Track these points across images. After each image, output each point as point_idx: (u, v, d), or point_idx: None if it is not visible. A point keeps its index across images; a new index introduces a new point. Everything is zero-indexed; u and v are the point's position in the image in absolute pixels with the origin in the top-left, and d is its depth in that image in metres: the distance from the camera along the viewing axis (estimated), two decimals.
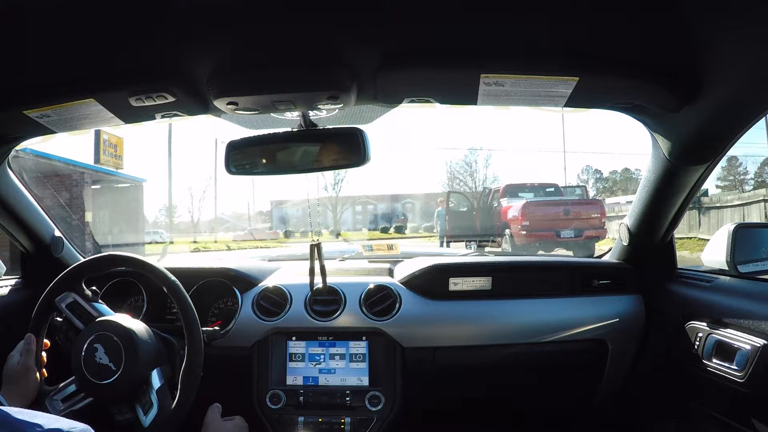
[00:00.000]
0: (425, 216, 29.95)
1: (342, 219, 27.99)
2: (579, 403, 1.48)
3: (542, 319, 1.33)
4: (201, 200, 25.31)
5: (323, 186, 27.04)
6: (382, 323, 1.29)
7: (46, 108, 0.91)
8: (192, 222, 24.72)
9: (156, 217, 24.56)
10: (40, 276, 1.37)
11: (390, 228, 27.83)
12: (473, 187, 24.29)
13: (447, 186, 27.51)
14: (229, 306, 1.38)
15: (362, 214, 31.84)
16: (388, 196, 32.14)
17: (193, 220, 24.90)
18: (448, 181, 28.14)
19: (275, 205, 30.55)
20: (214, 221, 23.41)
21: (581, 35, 0.76)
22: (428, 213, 30.37)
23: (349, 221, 29.64)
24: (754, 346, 0.97)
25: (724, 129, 0.93)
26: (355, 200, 29.39)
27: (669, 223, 1.26)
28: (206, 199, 25.06)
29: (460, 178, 27.58)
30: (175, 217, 24.81)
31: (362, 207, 31.34)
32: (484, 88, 0.85)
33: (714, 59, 0.76)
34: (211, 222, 23.39)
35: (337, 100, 0.89)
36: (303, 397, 1.27)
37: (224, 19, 0.71)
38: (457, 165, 27.74)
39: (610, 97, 0.92)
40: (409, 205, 32.31)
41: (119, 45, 0.77)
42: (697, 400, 1.21)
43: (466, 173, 27.84)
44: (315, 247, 1.26)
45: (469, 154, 27.68)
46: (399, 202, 32.43)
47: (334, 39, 0.78)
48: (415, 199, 31.76)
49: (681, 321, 1.20)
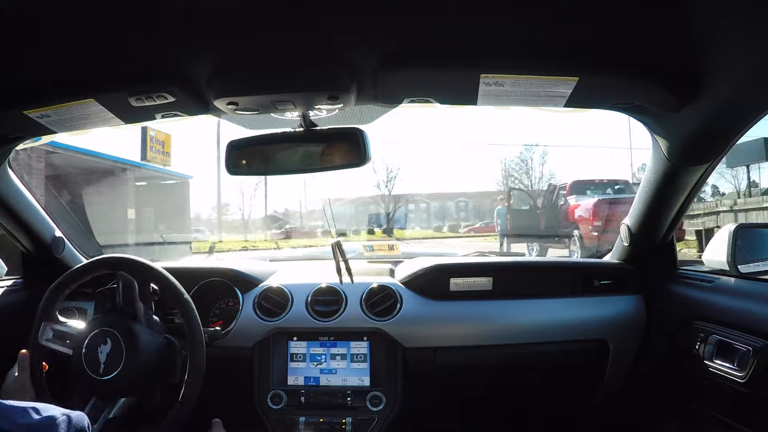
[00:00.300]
0: (479, 215, 29.33)
1: (395, 217, 27.17)
2: (580, 403, 1.48)
3: (543, 320, 1.33)
4: (252, 198, 24.69)
5: (375, 183, 26.84)
6: (383, 323, 1.29)
7: (46, 108, 0.91)
8: (243, 220, 24.46)
9: (209, 214, 24.09)
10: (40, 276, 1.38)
11: (443, 227, 27.48)
12: (529, 185, 23.30)
13: (502, 184, 26.45)
14: (230, 306, 1.38)
15: (415, 212, 31.60)
16: (441, 195, 31.72)
17: (243, 218, 24.57)
18: (503, 179, 26.95)
19: (328, 203, 31.18)
20: (267, 219, 23.08)
21: (581, 35, 0.76)
22: (481, 212, 29.87)
23: (401, 220, 29.02)
24: (755, 346, 0.97)
25: (724, 129, 0.93)
26: (408, 198, 28.79)
27: (670, 223, 1.26)
28: (257, 197, 24.44)
29: (516, 175, 26.11)
30: (228, 215, 24.56)
31: (415, 205, 31.02)
32: (484, 88, 0.85)
33: (714, 59, 0.76)
34: (264, 220, 23.07)
35: (337, 100, 0.89)
36: (304, 397, 1.27)
37: (224, 19, 0.71)
38: (512, 162, 26.47)
39: (611, 97, 0.92)
40: (462, 204, 31.82)
41: (119, 45, 0.77)
42: (698, 401, 1.21)
43: (522, 171, 26.36)
44: (336, 246, 1.28)
45: (525, 151, 26.05)
46: (452, 201, 32.02)
47: (334, 39, 0.78)
48: (469, 198, 31.40)
49: (682, 321, 1.20)
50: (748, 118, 0.88)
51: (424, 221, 29.72)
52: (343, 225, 28.20)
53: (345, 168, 1.01)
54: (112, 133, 1.07)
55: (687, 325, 1.18)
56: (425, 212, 31.28)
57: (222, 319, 1.36)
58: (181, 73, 0.85)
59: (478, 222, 26.65)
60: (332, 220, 1.75)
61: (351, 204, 28.77)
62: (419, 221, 30.26)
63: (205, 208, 25.77)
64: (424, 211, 31.41)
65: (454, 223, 26.19)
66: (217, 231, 19.04)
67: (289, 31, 0.75)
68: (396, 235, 22.21)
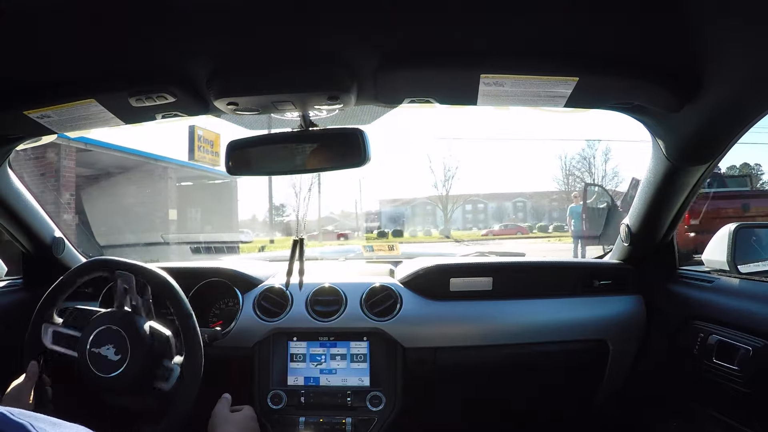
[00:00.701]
0: (536, 215, 28.91)
1: (452, 218, 26.86)
2: (580, 403, 1.48)
3: (543, 320, 1.33)
4: (306, 198, 24.23)
5: (432, 183, 26.29)
6: (383, 323, 1.29)
7: (46, 108, 0.91)
8: (297, 221, 23.96)
9: (264, 216, 23.84)
10: (40, 277, 1.38)
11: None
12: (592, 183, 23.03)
13: (562, 183, 25.96)
14: (230, 306, 1.38)
15: (472, 213, 31.18)
16: (498, 195, 31.27)
17: (297, 219, 24.12)
18: (563, 177, 26.29)
19: (384, 204, 30.21)
20: (322, 220, 22.78)
21: (581, 35, 0.76)
22: (540, 212, 29.29)
23: (458, 220, 28.71)
24: (755, 346, 0.97)
25: (724, 129, 0.93)
26: (466, 199, 28.30)
27: (669, 223, 1.26)
28: (312, 197, 24.00)
29: (577, 173, 25.60)
30: (282, 216, 24.35)
31: (472, 206, 30.69)
32: (483, 88, 0.85)
33: (714, 59, 0.76)
34: (319, 221, 22.80)
35: (337, 100, 0.89)
36: (304, 397, 1.27)
37: (224, 19, 0.71)
38: (572, 160, 26.01)
39: (611, 97, 0.92)
40: (521, 204, 31.27)
41: (119, 45, 0.77)
42: (698, 401, 1.21)
43: (584, 169, 25.64)
44: (297, 243, 1.22)
45: (587, 147, 25.46)
46: (510, 201, 31.61)
47: (334, 39, 0.78)
48: (527, 198, 30.85)
49: (682, 321, 1.20)
50: (748, 118, 0.88)
51: (481, 222, 29.29)
52: (398, 226, 27.79)
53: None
54: (157, 132, 1.05)
55: (687, 325, 1.18)
56: (482, 213, 30.95)
57: (222, 319, 1.36)
58: (181, 74, 0.85)
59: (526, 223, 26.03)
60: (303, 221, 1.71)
61: (407, 205, 28.27)
62: (476, 222, 29.80)
63: (260, 210, 25.38)
64: (482, 211, 31.08)
65: (512, 223, 25.69)
66: (269, 231, 18.77)
67: (289, 32, 0.75)
68: (454, 236, 21.30)
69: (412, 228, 26.84)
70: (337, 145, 1.00)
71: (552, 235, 19.99)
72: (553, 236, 19.46)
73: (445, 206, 26.03)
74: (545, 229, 25.22)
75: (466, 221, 29.44)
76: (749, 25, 0.67)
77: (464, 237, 22.59)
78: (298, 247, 1.20)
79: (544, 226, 25.68)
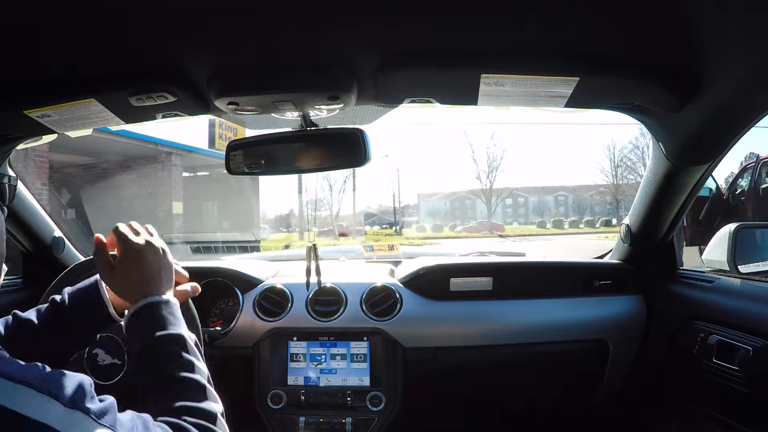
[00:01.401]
0: (578, 209, 27.91)
1: (495, 212, 25.41)
2: (580, 403, 1.48)
3: (543, 320, 1.33)
4: (341, 192, 23.07)
5: (476, 175, 24.96)
6: (383, 323, 1.29)
7: (46, 108, 0.91)
8: (331, 216, 22.95)
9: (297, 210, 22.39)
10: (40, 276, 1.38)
11: (547, 223, 25.84)
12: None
13: (611, 175, 24.27)
14: (230, 306, 1.38)
15: (512, 207, 30.21)
16: (539, 189, 30.15)
17: (332, 214, 23.09)
18: (612, 168, 24.51)
19: (422, 198, 29.34)
20: (359, 215, 21.72)
21: (581, 35, 0.76)
22: (582, 206, 28.24)
23: (498, 215, 27.42)
24: (754, 346, 0.97)
25: (725, 129, 0.93)
26: (508, 192, 26.91)
27: (670, 223, 1.26)
28: (346, 191, 22.95)
29: (628, 164, 23.86)
30: (319, 211, 22.97)
31: (513, 200, 29.64)
32: (484, 88, 0.85)
33: (714, 59, 0.76)
34: (356, 216, 21.56)
35: (338, 100, 0.89)
36: (304, 397, 1.27)
37: (224, 19, 0.71)
38: (625, 149, 24.66)
39: (611, 97, 0.92)
40: (562, 198, 30.22)
41: (119, 45, 0.77)
42: (698, 400, 1.21)
43: (637, 159, 23.71)
44: (311, 249, 1.25)
45: (640, 136, 23.17)
46: (551, 195, 30.64)
47: (334, 39, 0.78)
48: (569, 192, 29.73)
49: (682, 321, 1.20)
50: (749, 119, 0.88)
51: (521, 216, 28.23)
52: (438, 221, 26.48)
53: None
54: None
55: (687, 325, 1.18)
56: (523, 207, 30.01)
57: (222, 318, 1.36)
58: (181, 73, 0.85)
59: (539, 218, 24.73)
60: (312, 223, 1.73)
61: (446, 199, 27.12)
62: (516, 216, 28.61)
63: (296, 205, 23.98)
64: (522, 205, 30.15)
65: (555, 218, 24.74)
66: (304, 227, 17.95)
67: (289, 31, 0.75)
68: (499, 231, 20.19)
69: (452, 223, 25.50)
70: (338, 144, 1.00)
71: (599, 231, 19.01)
72: (600, 231, 18.54)
73: (489, 199, 24.57)
74: (593, 224, 24.19)
75: (506, 215, 28.47)
76: (749, 25, 0.67)
77: (511, 232, 21.24)
78: (312, 251, 1.25)
79: (591, 221, 24.69)
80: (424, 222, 26.35)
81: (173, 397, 0.61)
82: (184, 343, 0.68)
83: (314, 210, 21.36)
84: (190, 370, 0.65)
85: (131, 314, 0.69)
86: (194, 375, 0.65)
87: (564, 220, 25.58)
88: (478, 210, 26.84)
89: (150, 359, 0.66)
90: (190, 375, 0.64)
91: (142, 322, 0.68)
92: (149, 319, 0.68)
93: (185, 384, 0.63)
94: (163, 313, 0.69)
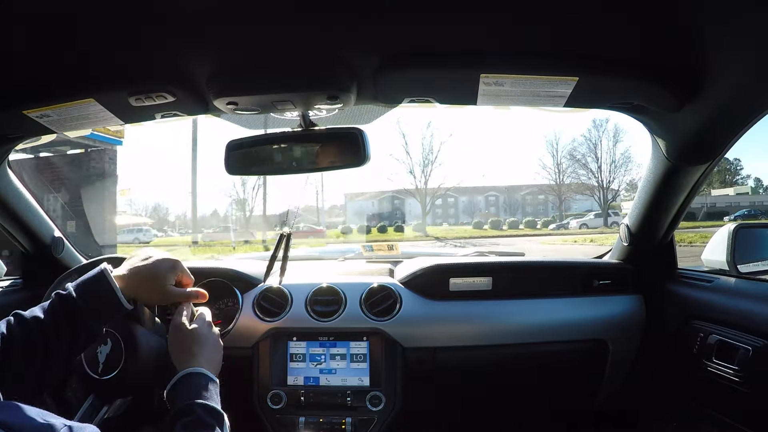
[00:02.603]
0: (510, 210, 26.39)
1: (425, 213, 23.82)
2: (579, 403, 1.48)
3: (543, 320, 1.33)
4: (256, 188, 22.30)
5: (409, 169, 23.42)
6: (382, 323, 1.29)
7: (45, 108, 0.91)
8: (244, 216, 22.23)
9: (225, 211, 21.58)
10: (40, 276, 1.38)
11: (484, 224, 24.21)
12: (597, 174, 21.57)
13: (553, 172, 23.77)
14: (229, 306, 1.37)
15: (442, 207, 28.95)
16: (470, 189, 28.77)
17: (245, 214, 22.38)
18: (554, 166, 23.85)
19: (349, 198, 28.10)
20: (272, 217, 21.03)
21: (581, 35, 0.76)
22: (514, 207, 26.34)
23: (429, 215, 25.65)
24: (754, 346, 0.97)
25: (724, 129, 0.93)
26: (441, 191, 25.41)
27: (669, 223, 1.26)
28: (262, 188, 21.92)
29: (579, 158, 23.66)
30: (245, 211, 22.25)
31: (443, 200, 28.28)
32: (483, 87, 0.85)
33: (714, 59, 0.76)
34: (266, 218, 21.02)
35: (337, 100, 0.89)
36: (304, 397, 1.27)
37: (224, 19, 0.71)
38: (569, 145, 24.64)
39: (610, 97, 0.92)
40: (493, 198, 29.04)
41: (119, 45, 0.77)
42: (698, 400, 1.21)
43: (587, 153, 23.33)
44: (285, 237, 1.26)
45: (593, 129, 23.96)
46: (482, 195, 29.46)
47: (334, 39, 0.78)
48: (500, 192, 28.17)
49: (681, 321, 1.20)
50: (748, 118, 0.88)
51: (451, 217, 27.56)
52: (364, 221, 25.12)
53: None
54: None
55: (686, 324, 1.18)
56: (453, 207, 28.87)
57: (221, 319, 1.35)
58: (180, 73, 0.85)
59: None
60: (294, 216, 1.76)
61: (373, 199, 26.05)
62: (446, 217, 27.54)
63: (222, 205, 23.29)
64: (452, 206, 28.98)
65: (493, 219, 23.92)
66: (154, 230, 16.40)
67: (289, 31, 0.75)
68: (430, 233, 19.05)
69: (381, 223, 24.19)
70: (337, 144, 1.00)
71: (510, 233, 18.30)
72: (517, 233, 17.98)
73: (424, 198, 22.96)
74: (533, 224, 23.32)
75: (436, 216, 27.43)
76: (748, 25, 0.67)
77: (441, 234, 20.16)
78: (284, 242, 1.27)
79: (531, 221, 23.85)
80: (351, 223, 25.56)
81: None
82: (222, 421, 0.75)
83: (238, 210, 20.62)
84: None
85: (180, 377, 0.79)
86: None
87: (501, 220, 24.38)
88: (408, 211, 25.50)
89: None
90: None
91: (186, 386, 0.78)
92: (195, 386, 0.78)
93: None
94: (210, 387, 0.79)
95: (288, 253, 1.28)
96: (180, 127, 22.94)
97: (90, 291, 0.80)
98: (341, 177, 50.43)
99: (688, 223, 12.74)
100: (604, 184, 21.92)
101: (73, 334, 0.78)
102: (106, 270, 0.81)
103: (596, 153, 22.84)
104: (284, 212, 22.23)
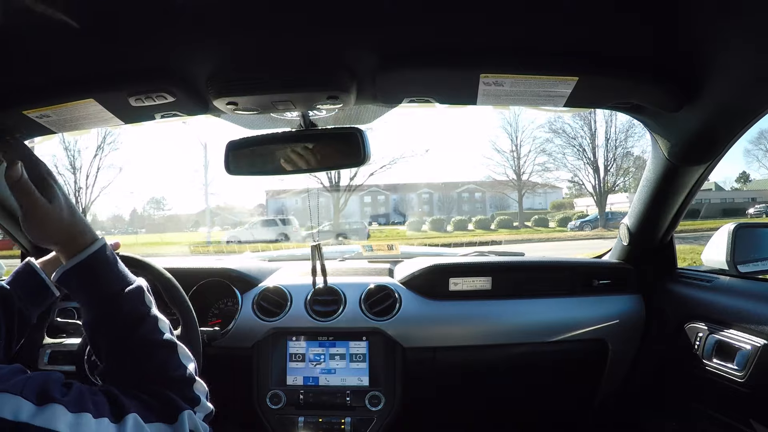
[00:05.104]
0: (444, 208, 24.37)
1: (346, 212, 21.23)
2: (579, 402, 1.48)
3: (542, 319, 1.33)
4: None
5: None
6: (382, 323, 1.29)
7: (45, 108, 0.91)
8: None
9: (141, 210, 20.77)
10: None
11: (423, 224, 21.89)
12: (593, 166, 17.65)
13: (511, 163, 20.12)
14: (229, 306, 1.38)
15: (371, 205, 26.88)
16: (401, 185, 26.20)
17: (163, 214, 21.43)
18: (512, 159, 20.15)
19: (270, 196, 25.59)
20: (201, 215, 20.07)
21: (581, 35, 0.76)
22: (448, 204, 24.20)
23: (356, 214, 23.50)
24: (754, 345, 0.97)
25: (724, 129, 0.93)
26: (365, 189, 23.54)
27: (669, 223, 1.26)
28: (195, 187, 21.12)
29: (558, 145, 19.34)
30: (164, 210, 21.48)
31: (371, 197, 26.10)
32: (483, 87, 0.85)
33: (713, 59, 0.76)
34: (201, 215, 20.07)
35: (337, 100, 0.89)
36: (303, 397, 1.27)
37: (223, 19, 0.71)
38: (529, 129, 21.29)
39: (610, 97, 0.92)
40: (426, 197, 26.27)
41: (119, 45, 0.77)
42: (697, 400, 1.21)
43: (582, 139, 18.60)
44: (316, 248, 1.27)
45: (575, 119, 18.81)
46: (414, 192, 26.78)
47: (333, 39, 0.78)
48: (434, 189, 25.90)
49: (681, 321, 1.20)
50: (748, 118, 0.88)
51: (382, 217, 24.95)
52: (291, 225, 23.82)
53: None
54: None
55: (686, 324, 1.18)
56: (383, 205, 26.50)
57: (221, 319, 1.36)
58: (180, 73, 0.85)
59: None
60: (317, 216, 1.77)
61: (297, 196, 22.86)
62: (376, 217, 25.00)
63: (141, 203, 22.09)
64: (382, 204, 26.55)
65: (416, 219, 22.03)
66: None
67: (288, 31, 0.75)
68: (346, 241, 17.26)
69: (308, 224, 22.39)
70: (337, 144, 1.00)
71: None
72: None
73: (337, 197, 19.02)
74: (485, 224, 20.11)
75: (364, 215, 24.62)
76: (749, 25, 0.67)
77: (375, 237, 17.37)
78: (317, 251, 1.31)
79: (484, 220, 20.70)
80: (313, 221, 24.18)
81: (146, 363, 0.61)
82: (143, 295, 0.66)
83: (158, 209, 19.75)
84: (157, 330, 0.63)
85: (69, 270, 0.65)
86: (164, 335, 0.63)
87: (443, 219, 21.39)
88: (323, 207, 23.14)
89: (111, 322, 0.64)
90: (160, 338, 0.63)
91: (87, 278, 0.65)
92: (97, 274, 0.65)
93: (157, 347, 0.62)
94: (111, 263, 0.66)
95: (324, 261, 1.33)
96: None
97: (24, 282, 0.82)
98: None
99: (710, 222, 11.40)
100: (601, 167, 17.80)
101: (18, 326, 0.78)
102: (30, 260, 0.83)
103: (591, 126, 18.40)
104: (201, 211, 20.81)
